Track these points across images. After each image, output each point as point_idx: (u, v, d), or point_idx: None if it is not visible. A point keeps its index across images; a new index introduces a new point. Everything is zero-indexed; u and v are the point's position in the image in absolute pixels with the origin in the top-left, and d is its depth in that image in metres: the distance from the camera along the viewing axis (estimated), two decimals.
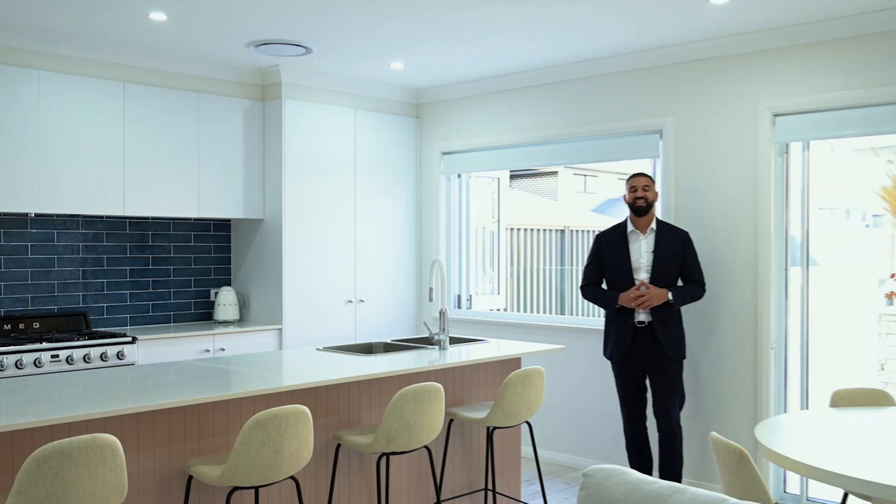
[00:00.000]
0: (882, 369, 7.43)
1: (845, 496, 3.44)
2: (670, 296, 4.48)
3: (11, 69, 4.73)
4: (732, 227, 4.88)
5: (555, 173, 16.03)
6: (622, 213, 4.88)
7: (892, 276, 2.93)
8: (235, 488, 2.97)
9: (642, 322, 4.54)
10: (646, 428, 4.74)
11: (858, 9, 4.23)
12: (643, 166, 5.45)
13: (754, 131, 4.79)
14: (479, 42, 4.97)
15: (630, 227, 4.65)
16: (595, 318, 5.99)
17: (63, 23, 4.55)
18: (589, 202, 16.58)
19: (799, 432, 2.98)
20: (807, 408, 4.79)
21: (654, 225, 4.61)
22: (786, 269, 4.79)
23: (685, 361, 4.71)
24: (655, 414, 4.60)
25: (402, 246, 6.48)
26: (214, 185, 5.61)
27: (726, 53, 4.88)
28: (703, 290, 4.66)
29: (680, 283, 4.66)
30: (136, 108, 5.23)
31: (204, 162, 5.55)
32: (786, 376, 4.79)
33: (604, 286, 4.78)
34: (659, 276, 4.53)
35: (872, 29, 4.33)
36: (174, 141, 5.40)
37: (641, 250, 4.58)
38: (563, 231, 10.14)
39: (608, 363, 5.57)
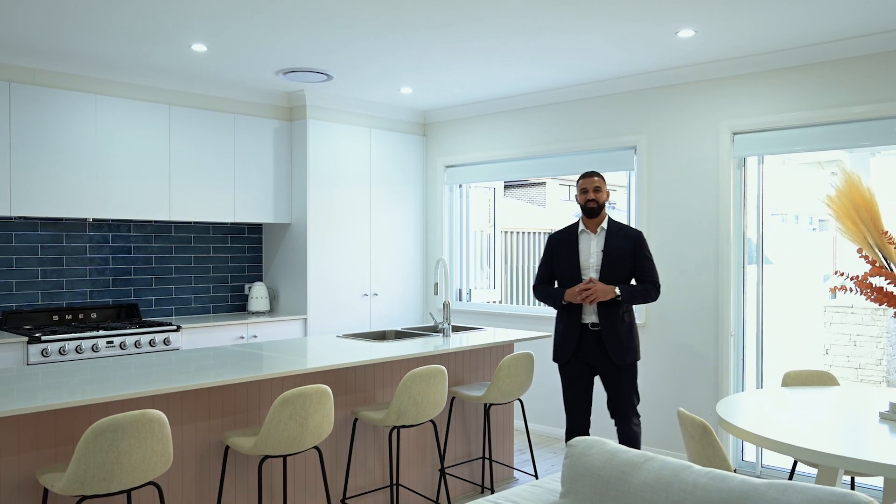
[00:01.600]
0: (827, 353, 7.42)
1: (795, 464, 3.44)
2: (617, 291, 3.89)
3: (73, 93, 4.74)
4: (697, 230, 4.87)
5: (543, 184, 16.00)
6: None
7: (836, 272, 2.92)
8: (266, 457, 2.98)
9: (595, 325, 3.94)
10: (587, 431, 4.10)
11: (807, 41, 4.23)
12: (619, 178, 5.45)
13: (716, 147, 4.79)
14: (477, 70, 4.96)
15: (581, 226, 4.11)
16: None
17: (117, 53, 4.56)
18: (573, 209, 16.55)
19: (755, 408, 2.98)
20: (761, 387, 4.78)
21: (604, 225, 4.06)
22: (743, 267, 4.78)
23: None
24: (613, 416, 4.02)
25: (411, 246, 6.48)
26: (248, 194, 5.61)
27: (692, 80, 4.88)
28: (657, 291, 4.03)
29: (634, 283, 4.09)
30: (179, 128, 5.23)
31: (239, 174, 5.55)
32: (743, 360, 4.78)
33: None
34: (608, 275, 3.95)
35: (819, 59, 4.33)
36: (213, 156, 5.41)
37: (591, 250, 4.02)
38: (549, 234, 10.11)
39: None
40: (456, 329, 4.84)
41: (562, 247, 4.11)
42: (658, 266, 5.05)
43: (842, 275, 2.85)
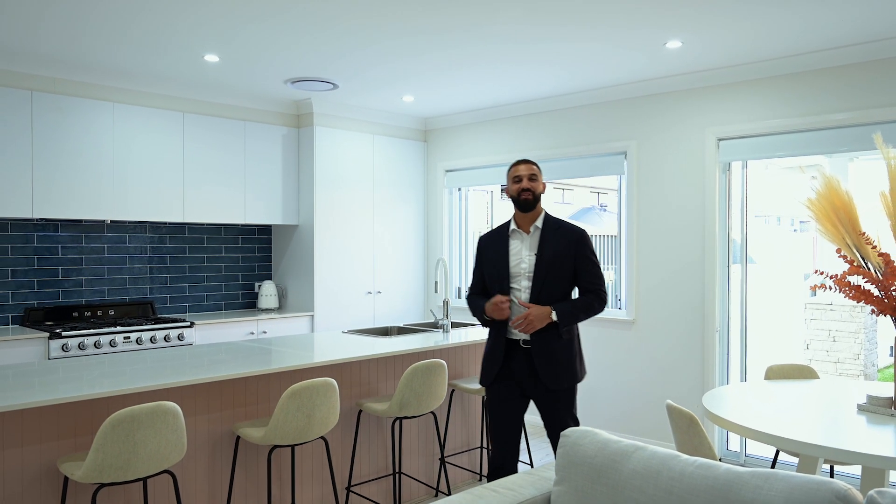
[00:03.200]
0: (807, 348, 7.42)
1: (777, 453, 3.44)
2: (554, 315, 3.03)
3: (91, 101, 4.73)
4: (684, 231, 4.87)
5: None
6: (595, 220, 4.83)
7: (816, 271, 2.92)
8: (275, 446, 2.98)
9: (527, 342, 3.12)
10: (516, 463, 3.26)
11: (789, 52, 4.23)
12: (610, 181, 5.44)
13: (702, 152, 4.79)
14: (475, 80, 4.96)
15: (512, 225, 3.21)
16: None
17: (133, 64, 4.56)
18: (566, 211, 16.54)
19: (739, 400, 2.98)
20: (745, 380, 4.78)
21: (539, 222, 3.16)
22: (728, 266, 4.78)
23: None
24: (551, 442, 3.19)
25: (412, 247, 6.48)
26: (258, 197, 5.61)
27: (679, 88, 4.88)
28: (602, 303, 3.14)
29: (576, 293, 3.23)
30: (193, 134, 5.23)
31: (249, 178, 5.55)
32: (728, 354, 4.78)
33: None
34: (542, 283, 3.07)
35: (800, 69, 4.33)
36: (225, 160, 5.41)
37: (522, 252, 3.14)
38: None
39: (583, 343, 5.57)
40: (455, 325, 4.84)
41: (490, 249, 3.26)
42: (647, 266, 5.07)
43: (822, 274, 2.85)
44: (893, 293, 2.68)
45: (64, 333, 4.35)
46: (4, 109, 4.38)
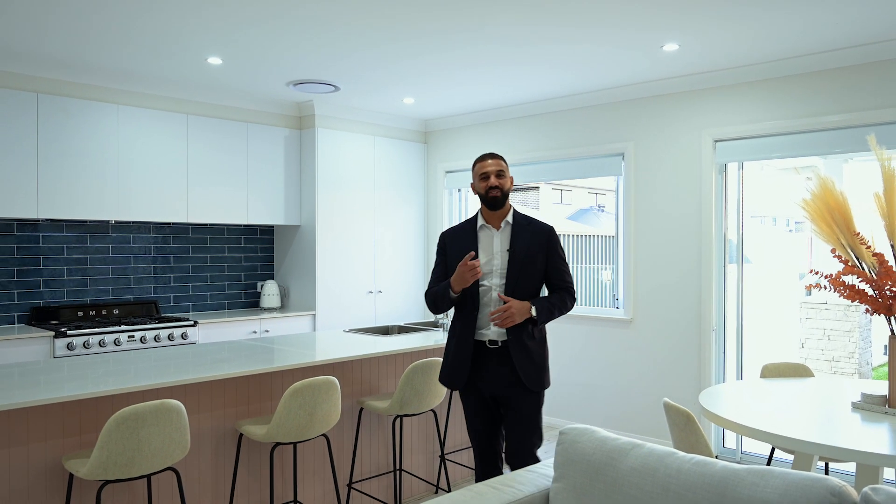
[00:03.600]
0: (802, 347, 7.42)
1: (773, 450, 3.44)
2: (534, 311, 2.86)
3: (96, 104, 4.73)
4: (681, 231, 4.87)
5: (537, 188, 16.01)
6: (593, 220, 4.83)
7: (811, 271, 2.92)
8: (278, 444, 2.98)
9: (494, 342, 2.91)
10: (499, 472, 3.08)
11: (784, 55, 4.23)
12: (608, 182, 5.44)
13: (699, 154, 4.79)
14: (473, 82, 4.96)
15: (481, 220, 3.02)
16: None
17: (138, 66, 4.56)
18: (565, 211, 16.56)
19: (735, 398, 2.98)
20: (741, 378, 4.78)
21: (510, 217, 2.99)
22: (724, 266, 4.78)
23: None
24: (506, 458, 3.00)
25: (413, 247, 6.48)
26: (260, 198, 5.61)
27: (676, 91, 4.88)
28: (573, 300, 3.00)
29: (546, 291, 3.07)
30: (196, 136, 5.23)
31: (252, 179, 5.55)
32: (724, 353, 4.78)
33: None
34: (515, 280, 2.90)
35: (796, 71, 4.33)
36: (228, 162, 5.41)
37: (494, 249, 2.96)
38: None
39: (577, 343, 5.57)
40: None
41: (456, 245, 3.03)
42: (644, 265, 5.07)
43: (817, 273, 2.85)
44: (887, 292, 2.68)
45: (69, 332, 4.35)
46: (11, 111, 4.38)
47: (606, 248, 9.83)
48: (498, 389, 2.93)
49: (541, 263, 2.96)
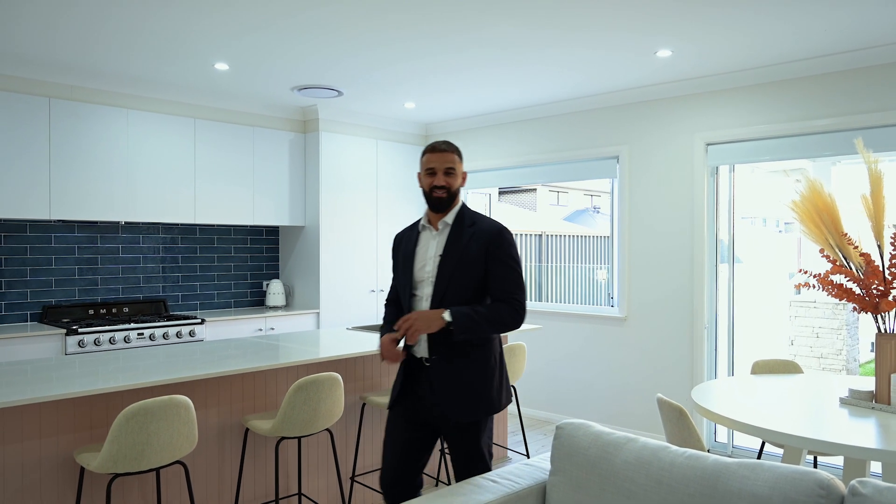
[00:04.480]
0: (792, 344, 7.42)
1: (763, 444, 3.44)
2: (447, 316, 2.31)
3: (106, 108, 4.73)
4: (673, 232, 4.87)
5: (534, 190, 16.00)
6: (589, 221, 4.82)
7: (800, 271, 2.92)
8: (282, 438, 2.98)
9: (429, 360, 2.43)
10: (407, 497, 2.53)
11: (774, 60, 4.23)
12: (603, 184, 5.43)
13: (691, 157, 4.79)
14: (472, 87, 4.96)
15: (423, 220, 2.56)
16: (566, 304, 5.99)
17: (147, 72, 4.55)
18: (561, 213, 16.56)
19: (726, 394, 2.98)
20: (733, 375, 4.78)
21: (449, 218, 2.49)
22: (716, 266, 4.78)
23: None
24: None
25: None
26: (266, 199, 5.61)
27: (669, 95, 4.88)
28: (515, 314, 2.40)
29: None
30: (204, 139, 5.23)
31: (258, 181, 5.55)
32: (716, 350, 4.78)
33: None
34: (445, 290, 2.40)
35: (785, 76, 4.33)
36: (234, 164, 5.41)
37: (428, 254, 2.48)
38: (540, 236, 10.12)
39: (573, 340, 5.58)
40: None
41: (401, 250, 2.62)
42: (638, 265, 5.07)
43: (805, 273, 2.85)
44: (874, 291, 2.68)
45: (80, 330, 4.35)
46: (23, 116, 4.38)
47: (601, 249, 9.84)
48: (428, 412, 2.44)
49: (478, 271, 2.40)
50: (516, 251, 2.44)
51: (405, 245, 2.58)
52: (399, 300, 2.62)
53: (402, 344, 2.51)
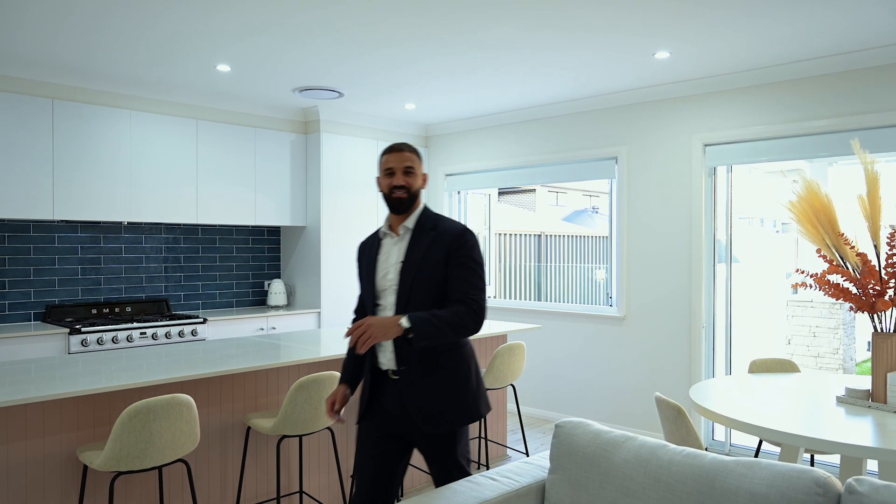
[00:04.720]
0: (789, 343, 7.42)
1: (760, 443, 3.45)
2: (404, 322, 2.12)
3: (109, 109, 4.74)
4: (671, 232, 4.88)
5: (533, 190, 16.00)
6: (587, 221, 4.82)
7: (797, 270, 2.93)
8: (284, 436, 2.98)
9: (396, 373, 2.29)
10: None
11: (771, 62, 4.23)
12: (602, 185, 5.44)
13: (689, 157, 4.79)
14: (472, 88, 4.96)
15: (384, 226, 2.41)
16: (565, 303, 5.98)
17: (150, 73, 4.56)
18: (560, 213, 16.56)
19: (724, 393, 2.98)
20: (730, 374, 4.78)
21: (410, 222, 2.34)
22: (714, 266, 4.78)
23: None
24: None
25: None
26: (267, 200, 5.61)
27: (667, 97, 4.88)
28: (474, 315, 2.21)
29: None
30: (206, 140, 5.23)
31: (259, 181, 5.55)
32: (714, 349, 4.78)
33: None
34: (409, 298, 2.24)
35: (783, 78, 4.33)
36: (236, 165, 5.41)
37: (390, 261, 2.33)
38: (539, 236, 10.12)
39: (572, 340, 5.58)
40: None
41: (364, 259, 2.47)
42: (637, 265, 5.07)
43: (802, 272, 2.85)
44: (870, 291, 2.68)
45: (83, 329, 4.35)
46: (27, 117, 4.38)
47: (600, 249, 9.84)
48: (398, 425, 2.30)
49: (439, 275, 2.25)
50: (478, 252, 2.30)
51: (368, 253, 2.44)
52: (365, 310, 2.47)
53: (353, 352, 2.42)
